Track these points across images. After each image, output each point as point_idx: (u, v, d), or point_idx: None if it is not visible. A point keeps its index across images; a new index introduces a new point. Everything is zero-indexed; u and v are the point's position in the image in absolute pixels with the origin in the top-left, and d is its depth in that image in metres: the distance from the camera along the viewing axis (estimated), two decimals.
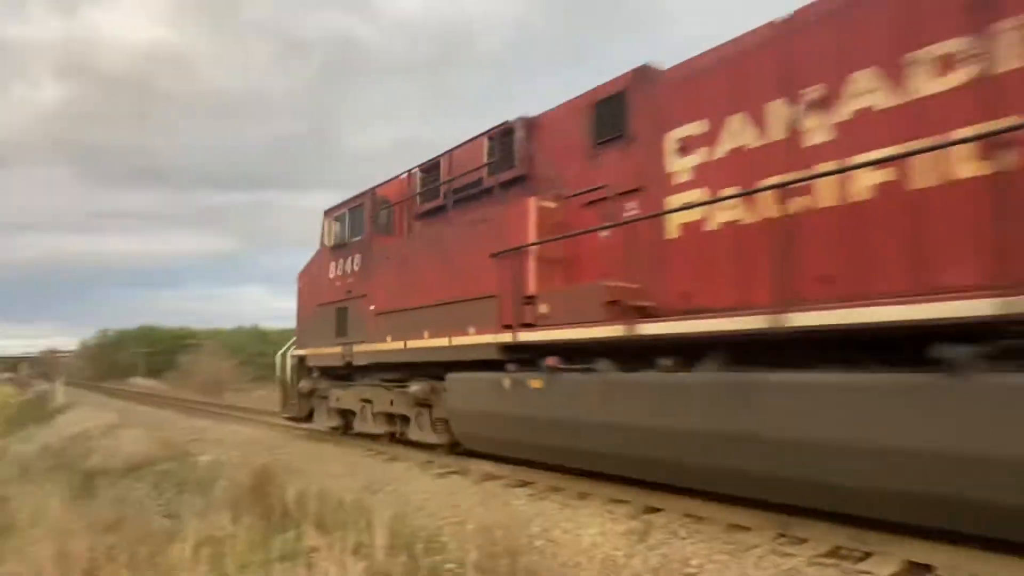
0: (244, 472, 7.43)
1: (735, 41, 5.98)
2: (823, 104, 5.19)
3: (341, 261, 11.25)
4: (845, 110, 5.06)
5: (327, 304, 11.49)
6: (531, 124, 8.26)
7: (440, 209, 9.55)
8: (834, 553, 4.73)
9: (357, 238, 10.88)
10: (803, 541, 4.93)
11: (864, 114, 4.94)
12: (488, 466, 8.05)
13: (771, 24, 5.69)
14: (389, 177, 10.74)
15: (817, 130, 5.22)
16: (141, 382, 57.80)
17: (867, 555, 4.61)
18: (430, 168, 9.89)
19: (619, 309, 6.26)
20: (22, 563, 4.74)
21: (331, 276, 11.49)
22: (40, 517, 6.07)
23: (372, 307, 10.06)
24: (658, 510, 5.99)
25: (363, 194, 10.85)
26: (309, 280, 12.53)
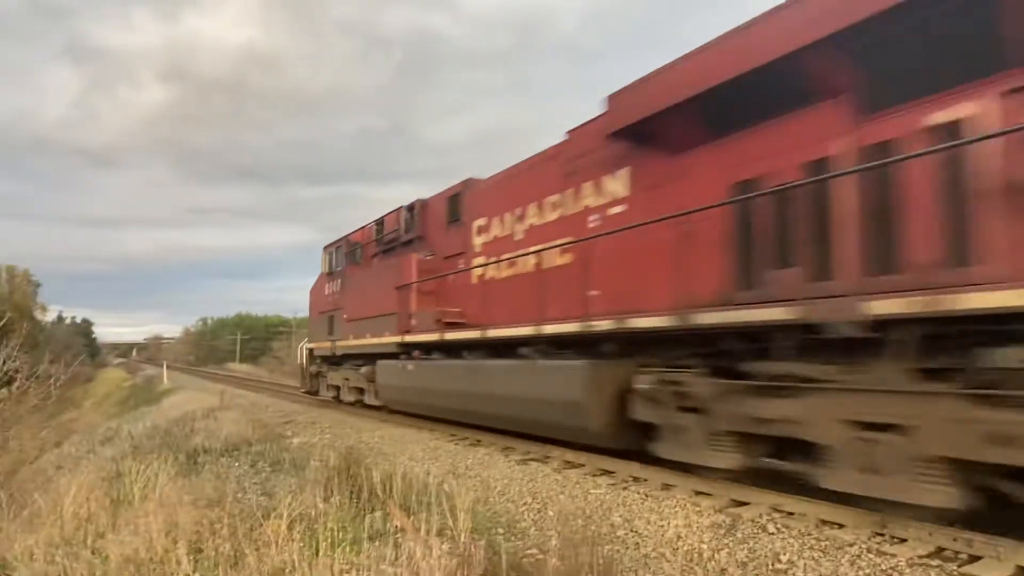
0: (333, 454, 7.72)
1: (502, 174, 10.46)
2: (521, 217, 9.73)
3: (331, 283, 16.27)
4: (530, 221, 9.53)
5: (324, 312, 16.36)
6: (424, 204, 12.68)
7: (380, 252, 14.08)
8: (937, 554, 4.46)
9: (339, 268, 15.83)
10: (902, 541, 4.67)
11: (538, 225, 9.37)
12: (569, 454, 8.05)
13: (509, 169, 10.25)
14: (362, 225, 15.22)
15: (519, 231, 9.77)
16: (237, 367, 61.10)
17: (974, 558, 4.32)
18: (380, 222, 14.21)
19: (444, 324, 10.70)
20: (135, 534, 5.11)
21: (326, 293, 16.48)
22: (150, 492, 6.52)
23: (345, 316, 14.63)
24: (744, 503, 5.81)
25: (344, 237, 15.80)
26: (315, 295, 17.69)
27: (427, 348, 11.10)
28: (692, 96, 6.30)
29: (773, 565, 4.49)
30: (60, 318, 79.11)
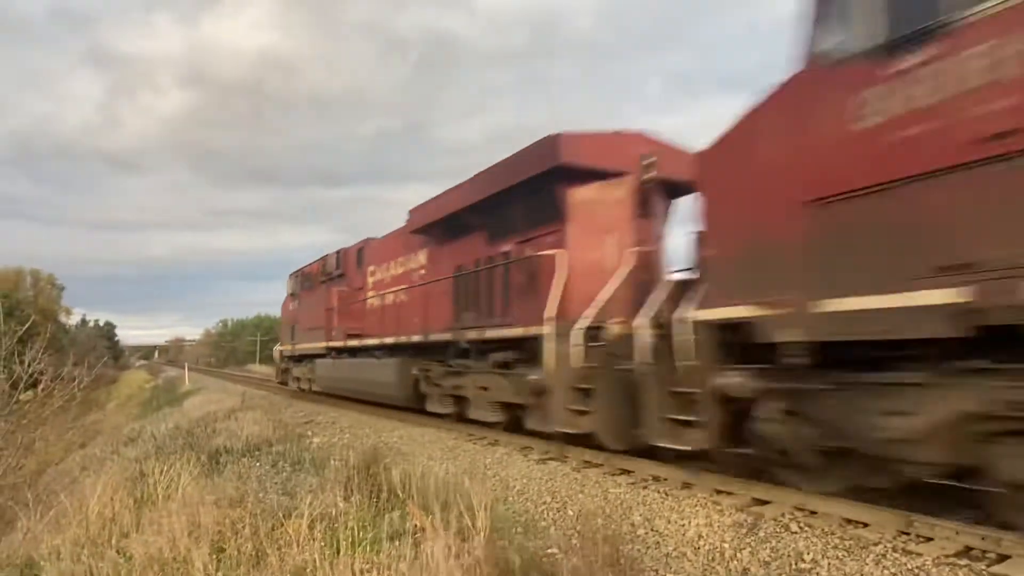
0: (353, 454, 7.76)
1: (385, 237, 15.31)
2: (388, 268, 14.58)
3: (293, 302, 21.72)
4: (392, 272, 14.45)
5: (288, 323, 22.35)
6: (346, 251, 17.43)
7: (321, 282, 18.72)
8: (965, 553, 4.38)
9: (296, 291, 21.26)
10: (928, 540, 4.60)
11: (395, 274, 14.29)
12: (587, 454, 8.02)
13: (388, 235, 15.01)
14: (313, 261, 19.98)
15: (387, 276, 14.62)
16: (257, 368, 61.69)
17: (1003, 557, 4.23)
18: (324, 260, 18.81)
19: (348, 335, 15.67)
20: (159, 533, 5.17)
21: (290, 308, 22.22)
22: (173, 492, 6.60)
23: (299, 327, 20.30)
24: (766, 502, 5.75)
25: (301, 269, 20.93)
26: (283, 309, 23.56)
27: (340, 351, 16.62)
28: (440, 216, 11.64)
29: (796, 564, 4.44)
30: (84, 321, 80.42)
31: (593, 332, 7.61)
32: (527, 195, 9.34)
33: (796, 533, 4.94)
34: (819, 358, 4.98)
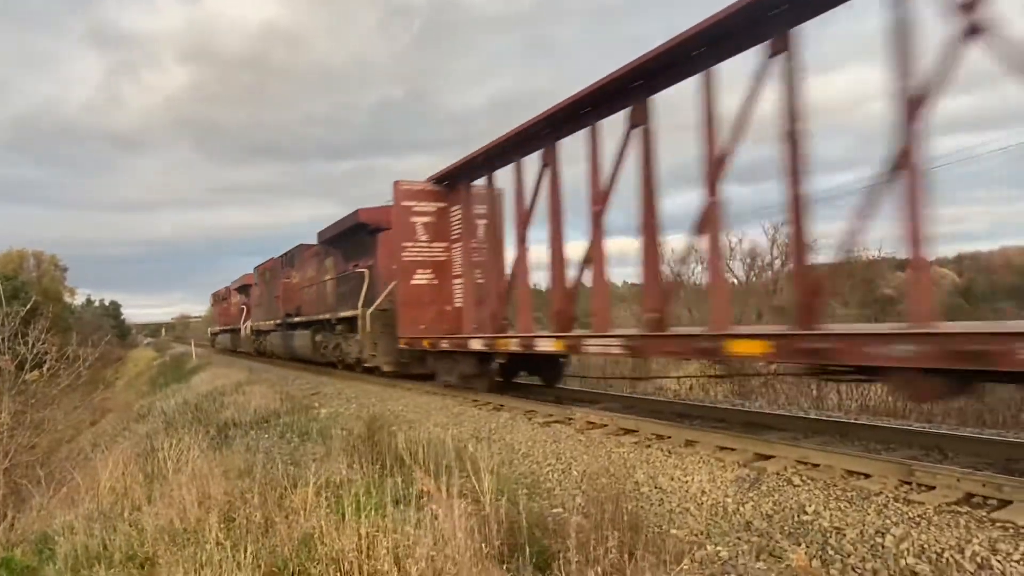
0: (359, 423, 7.83)
1: (313, 247, 20.60)
2: (308, 269, 21.31)
3: (258, 287, 28.59)
4: (310, 272, 20.88)
5: (259, 304, 28.08)
6: (293, 251, 22.54)
7: (278, 274, 24.27)
8: (966, 501, 4.42)
9: (260, 282, 27.83)
10: (930, 488, 4.64)
11: (311, 274, 20.66)
12: (593, 415, 8.08)
13: (314, 245, 20.35)
14: (267, 258, 26.71)
15: (308, 274, 21.10)
16: None
17: (1005, 503, 4.27)
18: (280, 257, 24.10)
19: (287, 314, 22.14)
20: (170, 506, 5.23)
21: (257, 293, 28.81)
22: (183, 465, 6.67)
23: (256, 309, 28.59)
24: (769, 457, 5.80)
25: (264, 263, 27.05)
26: (251, 294, 30.87)
27: (283, 326, 22.49)
28: (326, 238, 17.84)
29: (799, 517, 4.49)
30: (89, 301, 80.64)
31: (379, 313, 13.76)
32: (354, 236, 15.80)
33: (798, 486, 4.99)
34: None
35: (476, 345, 10.45)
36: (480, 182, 11.85)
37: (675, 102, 7.65)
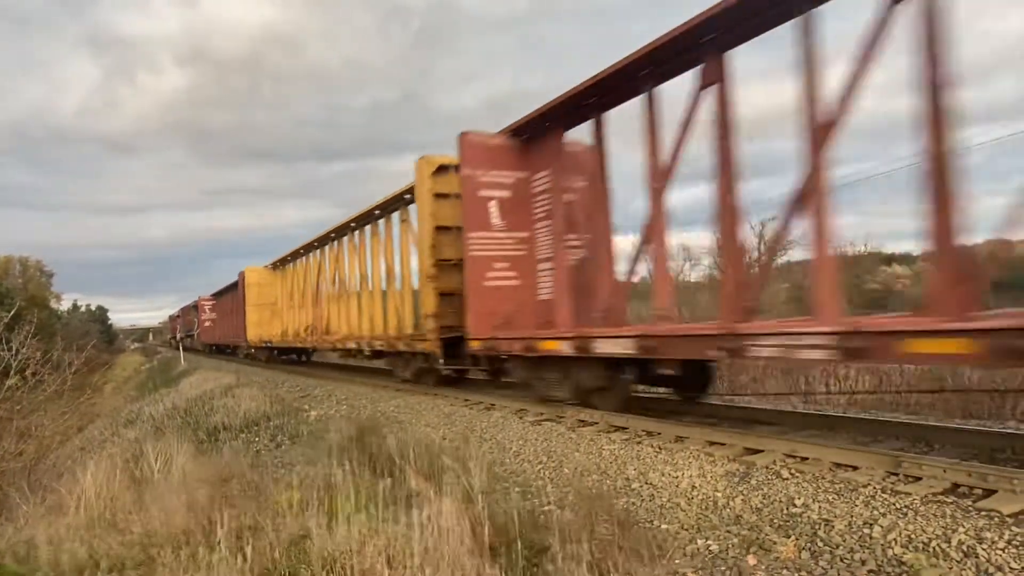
0: (349, 425, 7.81)
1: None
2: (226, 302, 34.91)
3: (214, 305, 39.64)
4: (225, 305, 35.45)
5: (211, 321, 40.44)
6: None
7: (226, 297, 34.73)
8: (952, 491, 4.47)
9: (218, 300, 37.97)
10: (917, 480, 4.68)
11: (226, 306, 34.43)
12: (583, 413, 8.09)
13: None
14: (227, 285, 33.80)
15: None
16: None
17: (990, 492, 4.32)
18: (234, 283, 30.61)
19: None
20: (160, 510, 5.20)
21: (208, 311, 41.08)
22: (171, 470, 6.63)
23: (216, 320, 39.27)
24: (758, 451, 5.84)
25: (221, 290, 36.06)
26: (199, 312, 43.42)
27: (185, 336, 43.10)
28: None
29: (788, 509, 4.52)
30: (75, 306, 79.93)
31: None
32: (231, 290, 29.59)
33: (787, 479, 5.02)
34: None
35: (611, 347, 7.32)
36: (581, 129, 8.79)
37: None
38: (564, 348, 8.03)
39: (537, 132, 9.29)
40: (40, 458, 13.53)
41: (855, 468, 5.08)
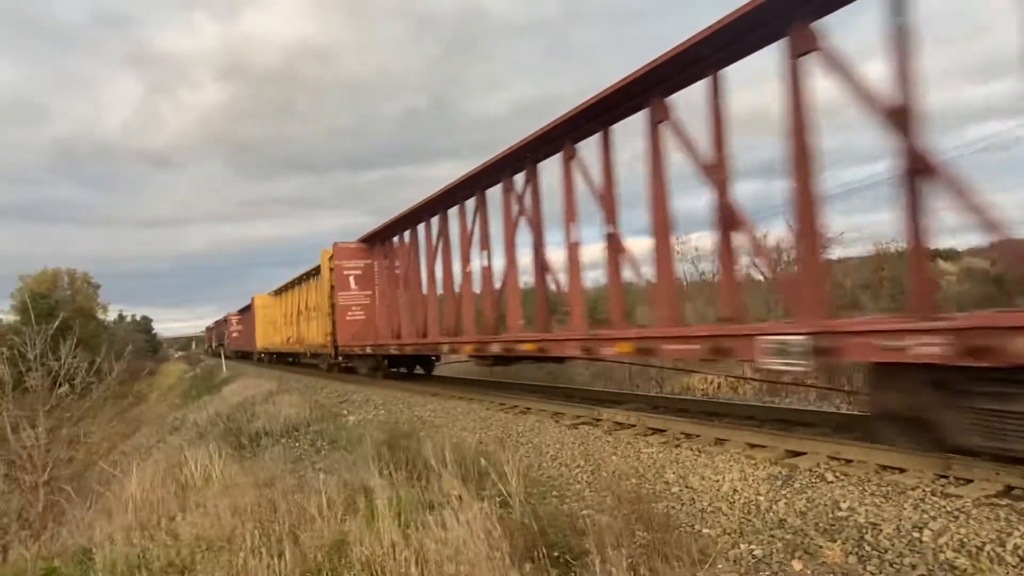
0: (388, 429, 7.88)
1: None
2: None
3: (240, 319, 48.01)
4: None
5: (241, 332, 47.63)
6: (252, 300, 38.54)
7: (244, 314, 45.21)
8: (1006, 493, 4.31)
9: (243, 315, 47.10)
10: (968, 482, 4.53)
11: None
12: (620, 415, 8.03)
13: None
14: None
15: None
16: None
17: None
18: (247, 306, 42.92)
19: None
20: (204, 515, 5.32)
21: (236, 323, 49.67)
22: (216, 475, 6.77)
23: (243, 331, 47.26)
24: (801, 454, 5.71)
25: (244, 307, 45.81)
26: (229, 325, 52.04)
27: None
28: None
29: (833, 512, 4.42)
30: (121, 317, 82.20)
31: None
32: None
33: (832, 482, 4.91)
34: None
35: (390, 351, 16.32)
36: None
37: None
38: (369, 350, 16.94)
39: (375, 239, 17.22)
40: (90, 464, 13.95)
41: (902, 470, 4.94)
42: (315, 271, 21.56)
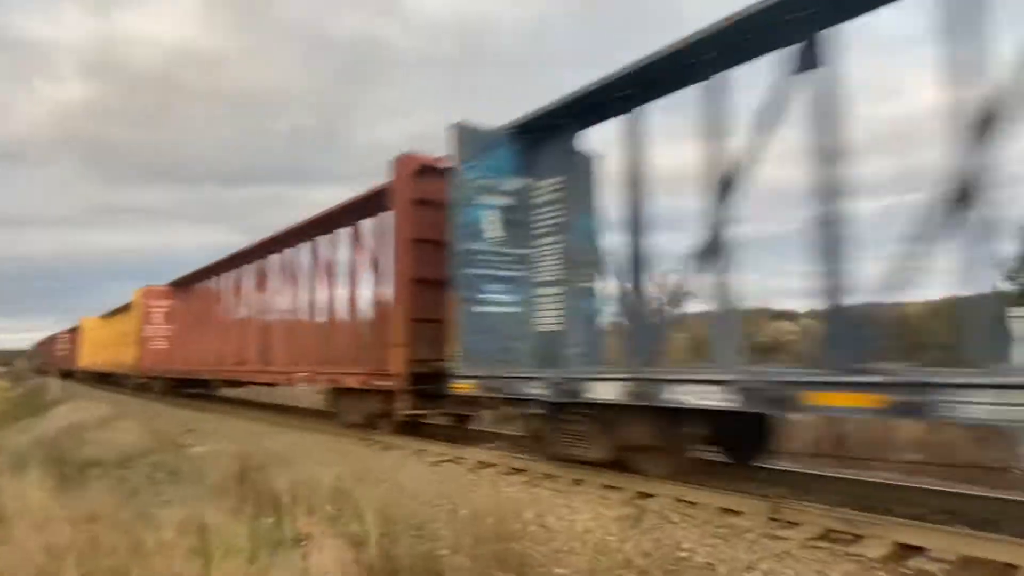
0: (235, 462, 7.40)
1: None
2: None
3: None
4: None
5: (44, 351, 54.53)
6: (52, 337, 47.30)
7: None
8: (825, 536, 4.73)
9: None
10: (795, 525, 4.93)
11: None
12: (483, 454, 8.03)
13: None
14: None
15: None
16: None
17: (858, 538, 4.61)
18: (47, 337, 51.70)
19: None
20: (13, 552, 4.70)
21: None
22: (28, 508, 6.02)
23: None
24: (650, 495, 5.97)
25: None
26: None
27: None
28: None
29: (675, 553, 4.63)
30: None
31: None
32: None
33: (675, 523, 5.16)
34: None
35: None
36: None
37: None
38: (164, 374, 21.99)
39: (180, 285, 22.19)
40: None
41: (739, 513, 5.29)
42: (132, 305, 26.45)
